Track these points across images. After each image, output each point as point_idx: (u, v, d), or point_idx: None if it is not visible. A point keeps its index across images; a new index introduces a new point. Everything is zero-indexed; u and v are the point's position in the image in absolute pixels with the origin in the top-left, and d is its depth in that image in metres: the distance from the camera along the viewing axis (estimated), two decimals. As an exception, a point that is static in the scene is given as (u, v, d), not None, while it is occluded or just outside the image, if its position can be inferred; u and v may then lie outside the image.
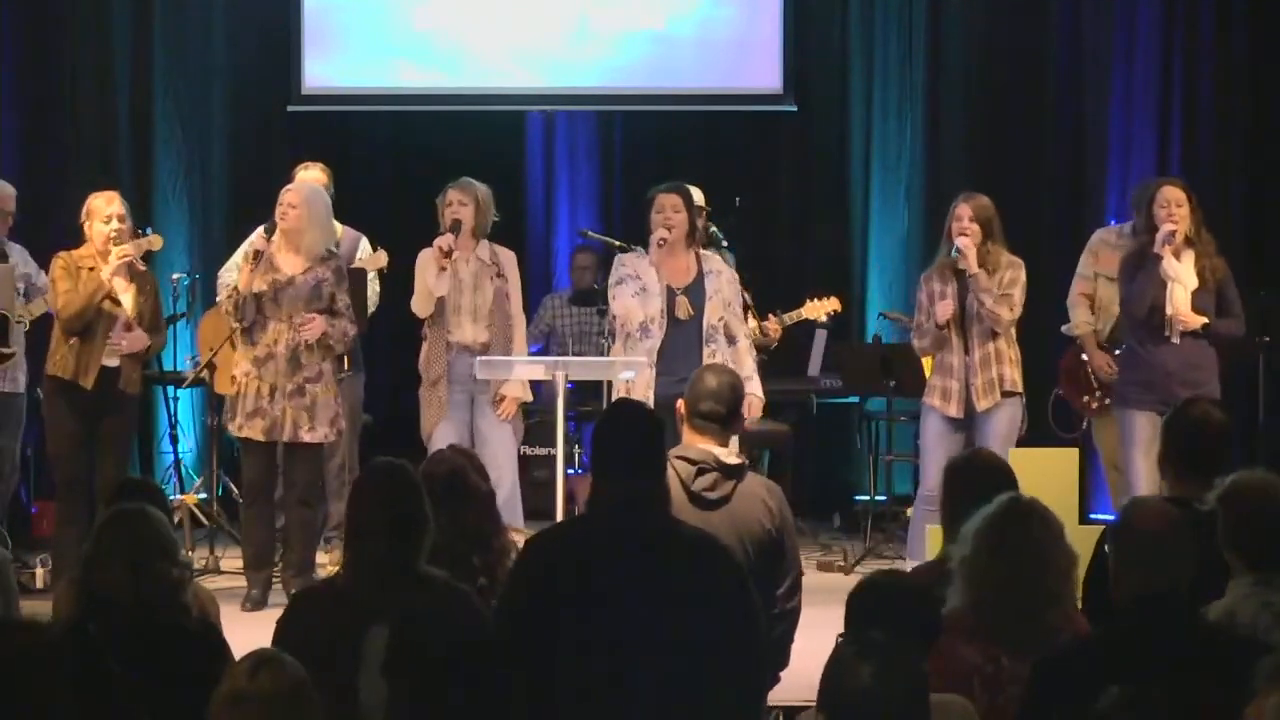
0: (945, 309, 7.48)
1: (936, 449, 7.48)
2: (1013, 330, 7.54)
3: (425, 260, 7.67)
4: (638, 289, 7.34)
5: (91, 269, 7.57)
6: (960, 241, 7.46)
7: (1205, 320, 7.29)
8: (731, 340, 7.40)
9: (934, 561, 4.85)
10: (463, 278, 7.66)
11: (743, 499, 4.99)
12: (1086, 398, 8.38)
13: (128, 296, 7.63)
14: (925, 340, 7.62)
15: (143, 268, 7.80)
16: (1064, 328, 8.41)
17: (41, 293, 8.04)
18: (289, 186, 7.81)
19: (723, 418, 5.10)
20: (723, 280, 7.43)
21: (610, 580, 4.00)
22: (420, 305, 7.66)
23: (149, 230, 8.09)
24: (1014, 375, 7.51)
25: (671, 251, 7.38)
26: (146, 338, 7.65)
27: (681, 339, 7.30)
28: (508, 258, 7.84)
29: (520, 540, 4.90)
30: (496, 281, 7.71)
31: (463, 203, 7.67)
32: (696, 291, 7.36)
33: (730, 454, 5.05)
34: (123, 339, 7.58)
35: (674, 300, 7.33)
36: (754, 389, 7.42)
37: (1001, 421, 7.46)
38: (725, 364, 6.37)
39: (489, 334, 7.65)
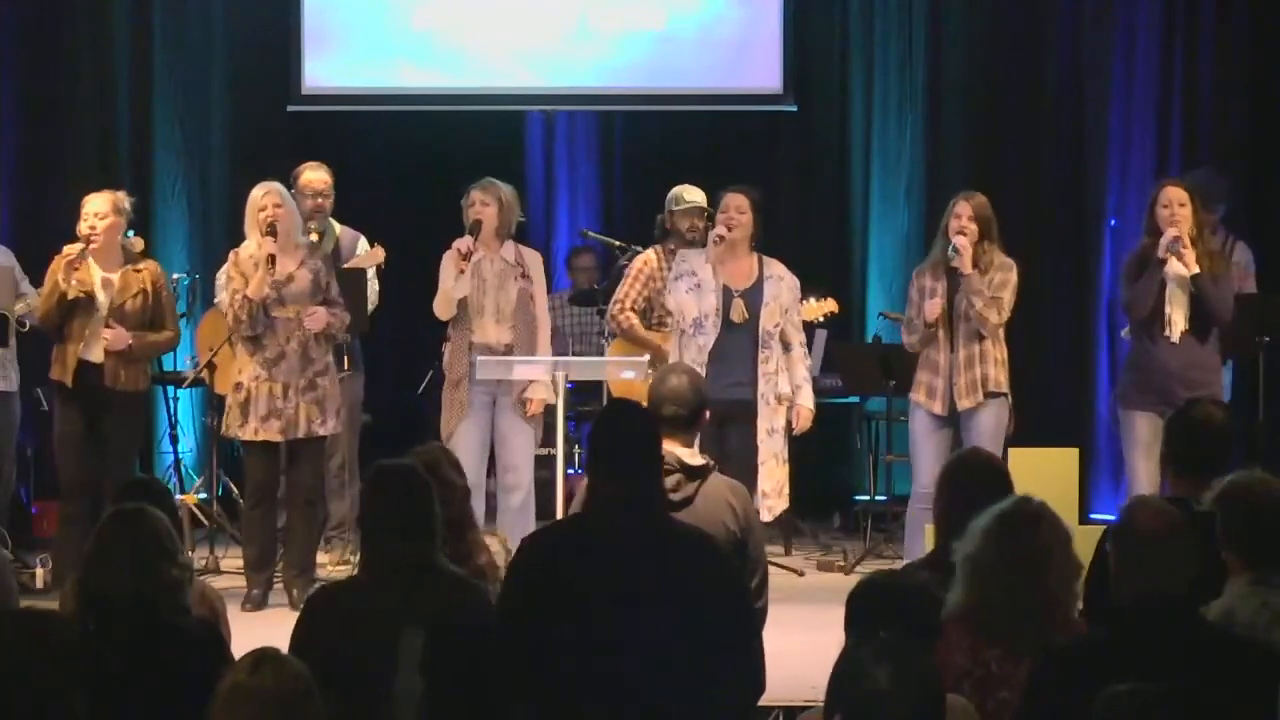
0: (934, 307, 7.47)
1: (925, 445, 7.50)
2: (1001, 331, 7.53)
3: (448, 261, 7.66)
4: (692, 285, 7.32)
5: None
6: (957, 240, 7.44)
7: (1196, 269, 7.28)
8: (787, 347, 7.37)
9: (926, 558, 4.85)
10: (486, 278, 7.64)
11: (706, 500, 4.92)
12: None
13: (103, 293, 7.61)
14: (914, 336, 7.60)
15: (140, 267, 7.77)
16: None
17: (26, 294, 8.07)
18: (264, 189, 7.66)
19: (685, 420, 5.00)
20: (783, 286, 7.40)
21: (606, 580, 4.00)
22: (441, 308, 7.65)
23: (131, 233, 8.04)
24: (999, 376, 7.47)
25: (732, 253, 7.35)
26: (126, 335, 7.60)
27: (735, 342, 7.28)
28: (534, 259, 7.85)
29: (490, 540, 4.98)
30: (521, 282, 7.69)
31: (484, 203, 7.67)
32: (755, 295, 7.33)
33: (693, 454, 4.99)
34: (105, 335, 7.57)
35: (730, 302, 7.31)
36: (804, 399, 7.40)
37: (987, 422, 7.43)
38: (689, 365, 6.24)
39: (512, 335, 7.64)
